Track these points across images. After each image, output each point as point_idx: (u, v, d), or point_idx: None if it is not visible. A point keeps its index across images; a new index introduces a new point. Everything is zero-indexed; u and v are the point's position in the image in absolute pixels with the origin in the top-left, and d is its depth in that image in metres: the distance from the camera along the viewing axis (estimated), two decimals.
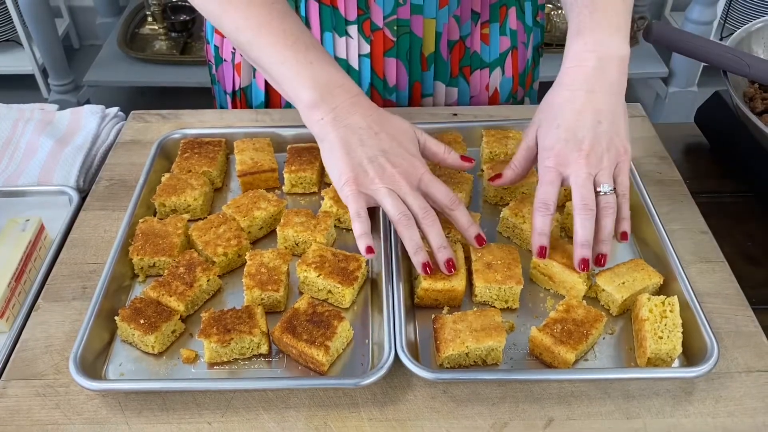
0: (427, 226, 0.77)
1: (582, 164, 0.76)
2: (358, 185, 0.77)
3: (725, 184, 1.03)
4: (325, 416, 0.71)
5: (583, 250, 0.75)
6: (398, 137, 0.79)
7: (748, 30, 1.06)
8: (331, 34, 1.04)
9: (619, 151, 0.78)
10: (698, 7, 2.51)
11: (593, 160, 0.76)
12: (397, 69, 1.08)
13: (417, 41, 1.06)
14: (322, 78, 0.79)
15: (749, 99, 1.00)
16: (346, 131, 0.77)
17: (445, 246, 0.77)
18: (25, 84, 2.86)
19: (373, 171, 0.77)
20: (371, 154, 0.77)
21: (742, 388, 0.73)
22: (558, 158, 0.77)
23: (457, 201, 0.79)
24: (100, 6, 3.03)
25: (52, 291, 0.82)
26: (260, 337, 0.74)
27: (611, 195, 0.76)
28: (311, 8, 1.02)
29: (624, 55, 0.79)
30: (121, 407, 0.71)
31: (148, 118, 1.09)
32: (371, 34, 1.04)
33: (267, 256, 0.82)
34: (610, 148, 0.77)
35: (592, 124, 0.77)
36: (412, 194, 0.77)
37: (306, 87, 0.78)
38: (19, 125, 1.09)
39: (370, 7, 1.01)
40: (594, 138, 0.76)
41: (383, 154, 0.77)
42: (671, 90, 2.72)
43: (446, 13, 1.04)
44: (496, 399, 0.72)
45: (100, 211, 0.93)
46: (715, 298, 0.81)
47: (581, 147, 0.76)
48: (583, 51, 0.79)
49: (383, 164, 0.77)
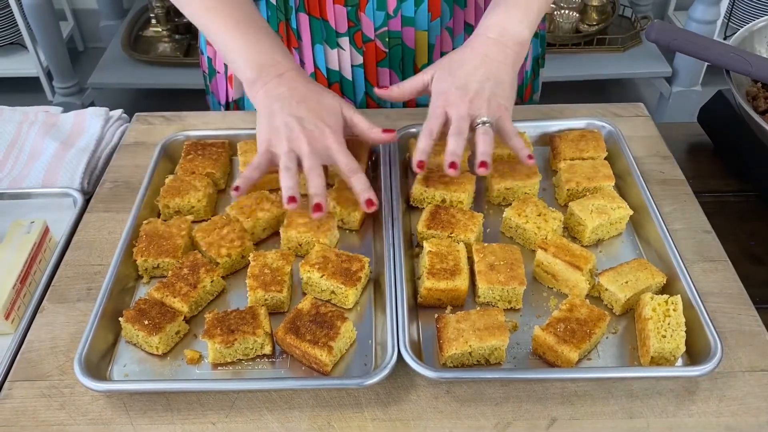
0: (310, 179, 0.83)
1: (464, 106, 0.86)
2: (269, 145, 0.85)
3: (728, 184, 1.03)
4: (329, 416, 0.71)
5: (450, 156, 0.84)
6: (318, 109, 0.86)
7: (750, 29, 1.06)
8: (322, 46, 1.05)
9: (500, 107, 0.87)
10: (701, 6, 2.51)
11: (476, 104, 0.86)
12: (391, 78, 1.09)
13: (409, 52, 1.06)
14: (260, 57, 0.87)
15: (752, 98, 1.00)
16: (271, 101, 0.86)
17: (319, 195, 0.82)
18: (29, 86, 2.87)
19: (284, 134, 0.84)
20: (287, 120, 0.84)
21: (746, 387, 0.73)
22: (446, 101, 0.87)
23: (357, 169, 0.85)
24: (104, 8, 3.04)
25: (56, 292, 0.83)
26: (264, 338, 0.74)
27: (487, 126, 0.85)
28: (302, 21, 1.03)
29: (522, 41, 0.90)
30: (126, 408, 0.72)
31: (151, 120, 1.10)
32: (363, 46, 1.05)
33: (270, 257, 0.82)
34: (491, 101, 0.87)
35: (481, 79, 0.87)
36: (309, 156, 0.83)
37: (246, 67, 0.88)
38: (23, 128, 1.09)
39: (361, 19, 1.02)
40: (479, 90, 0.87)
41: (298, 120, 0.84)
42: (675, 89, 2.71)
43: (438, 26, 1.04)
44: (500, 399, 0.72)
45: (105, 212, 0.94)
46: (719, 297, 0.81)
47: (467, 94, 0.87)
48: (491, 24, 0.91)
49: (293, 128, 0.84)
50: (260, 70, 0.87)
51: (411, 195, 0.93)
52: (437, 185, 0.91)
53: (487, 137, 0.84)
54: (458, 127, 0.85)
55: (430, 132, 0.86)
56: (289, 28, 1.04)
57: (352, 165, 0.85)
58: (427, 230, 0.86)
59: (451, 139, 0.85)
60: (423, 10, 1.02)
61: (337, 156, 0.85)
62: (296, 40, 1.05)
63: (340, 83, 1.09)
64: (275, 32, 0.93)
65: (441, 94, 0.88)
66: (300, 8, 1.02)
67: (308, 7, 1.02)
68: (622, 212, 0.87)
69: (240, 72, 0.89)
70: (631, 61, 2.66)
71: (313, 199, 0.82)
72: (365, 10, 1.01)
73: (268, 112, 0.85)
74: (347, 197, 0.90)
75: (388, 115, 1.08)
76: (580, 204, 0.88)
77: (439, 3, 1.02)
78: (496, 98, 0.87)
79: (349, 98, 1.11)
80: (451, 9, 1.04)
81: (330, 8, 1.01)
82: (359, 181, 0.84)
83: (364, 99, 1.11)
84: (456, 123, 0.85)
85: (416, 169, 0.86)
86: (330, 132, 0.85)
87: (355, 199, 0.88)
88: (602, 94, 2.90)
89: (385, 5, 1.01)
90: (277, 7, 1.03)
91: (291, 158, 0.83)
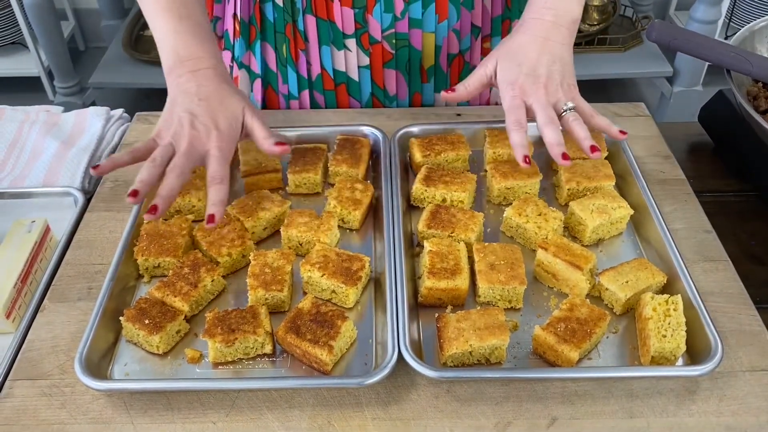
0: (167, 176, 0.80)
1: (542, 93, 0.86)
2: (157, 135, 0.84)
3: (729, 183, 1.03)
4: (329, 416, 0.71)
5: (558, 148, 0.82)
6: (217, 111, 0.84)
7: (751, 29, 1.06)
8: (329, 47, 1.05)
9: (570, 88, 0.88)
10: (703, 6, 2.50)
11: (551, 89, 0.86)
12: (397, 80, 1.09)
13: (416, 54, 1.06)
14: (181, 49, 0.86)
15: (753, 98, 1.00)
16: (177, 93, 0.85)
17: (163, 196, 0.78)
18: (30, 86, 2.87)
19: (175, 126, 0.83)
20: (182, 114, 0.83)
21: (746, 387, 0.73)
22: (522, 89, 0.86)
23: (219, 179, 0.81)
24: (105, 8, 3.04)
25: (57, 292, 0.83)
26: (264, 337, 0.74)
27: (574, 112, 0.85)
28: (308, 23, 1.03)
29: (576, 18, 0.90)
30: (126, 407, 0.72)
31: (152, 120, 1.10)
32: (370, 47, 1.05)
33: (271, 256, 0.82)
34: (562, 84, 0.87)
35: (548, 63, 0.87)
36: (184, 153, 0.81)
37: (165, 54, 0.87)
38: (24, 127, 1.09)
39: (368, 21, 1.02)
40: (549, 74, 0.87)
41: (191, 116, 0.83)
42: (676, 89, 2.71)
43: (446, 28, 1.04)
44: (500, 398, 0.72)
45: (105, 212, 0.94)
46: (719, 297, 0.81)
47: (539, 80, 0.86)
48: (543, 7, 0.90)
49: (184, 123, 0.82)
50: (178, 61, 0.86)
51: (411, 194, 0.93)
52: (438, 185, 0.91)
53: (579, 122, 0.84)
54: (548, 116, 0.84)
55: (520, 124, 0.84)
56: (296, 30, 1.04)
57: (217, 174, 0.81)
58: (427, 230, 0.86)
59: (547, 130, 0.83)
60: (430, 12, 1.02)
61: (210, 161, 0.82)
62: (303, 41, 1.05)
63: (347, 84, 1.09)
64: (210, 27, 0.91)
65: (511, 84, 0.87)
66: (307, 10, 1.02)
67: (315, 9, 1.02)
68: (623, 212, 0.87)
69: (161, 56, 0.88)
70: (632, 60, 2.66)
71: (156, 198, 0.78)
72: (372, 12, 1.01)
73: (171, 104, 0.85)
74: (347, 197, 0.90)
75: (390, 115, 1.08)
76: (581, 204, 0.88)
77: (447, 5, 1.02)
78: (566, 80, 0.87)
79: (356, 98, 1.11)
80: (458, 11, 1.04)
81: (337, 10, 1.01)
82: (215, 191, 0.80)
83: (370, 99, 1.11)
84: (544, 112, 0.84)
85: (523, 164, 0.83)
86: (216, 136, 0.82)
87: (356, 199, 0.89)
88: (603, 93, 2.90)
89: (392, 7, 1.01)
90: (284, 9, 1.03)
91: (165, 152, 0.81)
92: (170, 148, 0.82)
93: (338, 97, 1.11)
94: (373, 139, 1.00)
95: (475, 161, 1.01)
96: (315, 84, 1.10)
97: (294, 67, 1.08)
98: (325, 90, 1.11)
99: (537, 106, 0.85)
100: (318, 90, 1.11)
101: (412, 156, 0.98)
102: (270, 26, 1.06)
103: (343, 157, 0.96)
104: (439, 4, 1.01)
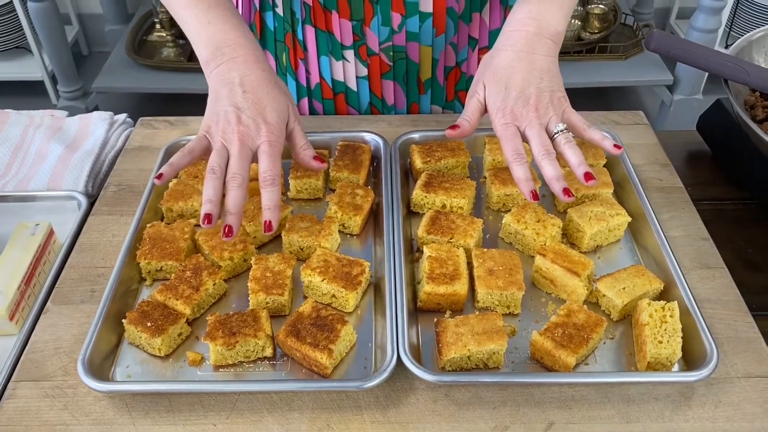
0: (229, 189, 0.78)
1: (533, 117, 0.83)
2: (207, 132, 0.81)
3: (726, 191, 1.04)
4: (329, 419, 0.71)
5: (558, 183, 0.80)
6: (264, 104, 0.82)
7: (749, 39, 1.07)
8: (327, 57, 1.06)
9: (560, 101, 0.85)
10: (703, 15, 2.52)
11: (542, 110, 0.83)
12: (395, 90, 1.09)
13: (413, 66, 1.07)
14: (217, 37, 0.84)
15: (750, 107, 1.01)
16: (220, 84, 0.82)
17: (233, 213, 0.77)
18: (34, 90, 2.89)
19: (222, 123, 0.80)
20: (228, 108, 0.81)
21: (742, 393, 0.73)
22: (512, 115, 0.84)
23: (271, 180, 0.78)
24: (108, 13, 3.06)
25: (61, 294, 0.84)
26: (265, 341, 0.75)
27: (565, 133, 0.82)
28: (308, 33, 1.04)
29: (560, 31, 0.87)
30: (128, 408, 0.72)
31: (155, 125, 1.11)
32: (368, 58, 1.05)
33: (272, 260, 0.83)
34: (552, 100, 0.84)
35: (536, 81, 0.84)
36: (238, 156, 0.79)
37: (202, 45, 0.84)
38: (29, 131, 1.10)
39: (366, 33, 1.03)
40: (539, 93, 0.84)
41: (237, 110, 0.80)
42: (676, 98, 2.72)
43: (443, 41, 1.05)
44: (498, 402, 0.73)
45: (109, 215, 0.95)
46: (716, 304, 0.82)
47: (529, 102, 0.83)
48: (526, 18, 0.86)
49: (231, 119, 0.80)
50: (215, 50, 0.83)
51: (411, 200, 0.94)
52: (437, 191, 0.92)
53: (571, 145, 0.81)
54: (543, 147, 0.81)
55: (519, 155, 0.82)
56: (296, 39, 1.05)
57: (269, 173, 0.79)
58: (427, 235, 0.87)
59: (545, 164, 0.80)
60: (428, 26, 1.03)
61: (261, 157, 0.80)
62: (302, 51, 1.06)
63: (345, 93, 1.10)
64: (239, 15, 0.88)
65: (502, 110, 0.84)
66: (306, 20, 1.03)
67: (314, 20, 1.03)
68: (621, 219, 0.88)
69: (196, 51, 0.85)
70: (632, 68, 2.68)
71: (227, 217, 0.77)
72: (370, 25, 1.02)
73: (215, 97, 0.82)
74: (348, 202, 0.91)
75: (390, 122, 1.09)
76: (579, 210, 0.89)
77: (444, 19, 1.03)
78: (555, 93, 0.84)
79: (354, 107, 1.12)
80: (456, 25, 1.04)
81: (335, 22, 1.02)
82: (268, 194, 0.78)
83: (369, 108, 1.12)
84: (538, 140, 0.81)
85: (531, 200, 0.80)
86: (265, 129, 0.80)
87: (357, 204, 0.89)
88: (604, 101, 2.91)
89: (389, 20, 1.02)
90: (284, 19, 1.04)
91: (221, 158, 0.79)
92: (224, 151, 0.79)
93: (337, 106, 1.13)
94: (374, 146, 1.01)
95: (474, 168, 1.02)
96: (314, 92, 1.11)
97: (293, 76, 1.10)
98: (324, 99, 1.12)
99: (530, 133, 0.82)
100: (317, 98, 1.12)
101: (412, 162, 0.99)
102: (270, 35, 1.07)
103: (345, 163, 0.97)
104: (436, 18, 1.02)
